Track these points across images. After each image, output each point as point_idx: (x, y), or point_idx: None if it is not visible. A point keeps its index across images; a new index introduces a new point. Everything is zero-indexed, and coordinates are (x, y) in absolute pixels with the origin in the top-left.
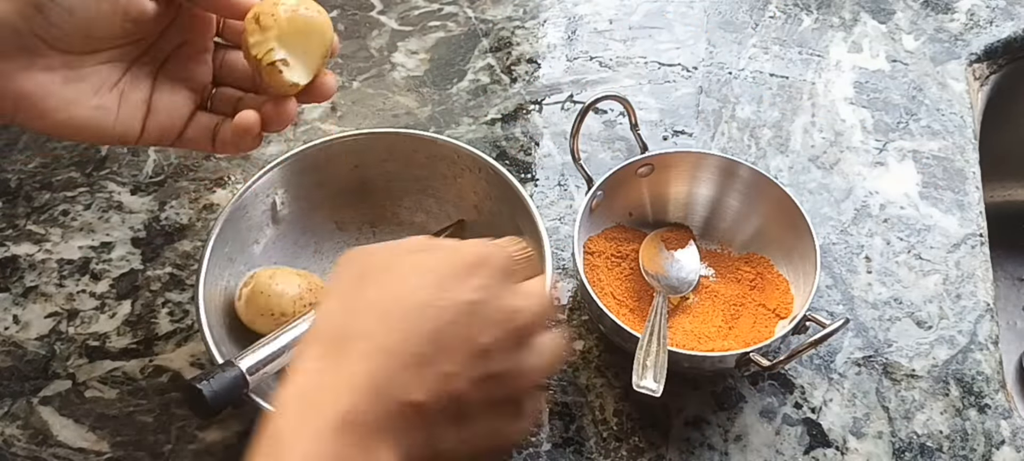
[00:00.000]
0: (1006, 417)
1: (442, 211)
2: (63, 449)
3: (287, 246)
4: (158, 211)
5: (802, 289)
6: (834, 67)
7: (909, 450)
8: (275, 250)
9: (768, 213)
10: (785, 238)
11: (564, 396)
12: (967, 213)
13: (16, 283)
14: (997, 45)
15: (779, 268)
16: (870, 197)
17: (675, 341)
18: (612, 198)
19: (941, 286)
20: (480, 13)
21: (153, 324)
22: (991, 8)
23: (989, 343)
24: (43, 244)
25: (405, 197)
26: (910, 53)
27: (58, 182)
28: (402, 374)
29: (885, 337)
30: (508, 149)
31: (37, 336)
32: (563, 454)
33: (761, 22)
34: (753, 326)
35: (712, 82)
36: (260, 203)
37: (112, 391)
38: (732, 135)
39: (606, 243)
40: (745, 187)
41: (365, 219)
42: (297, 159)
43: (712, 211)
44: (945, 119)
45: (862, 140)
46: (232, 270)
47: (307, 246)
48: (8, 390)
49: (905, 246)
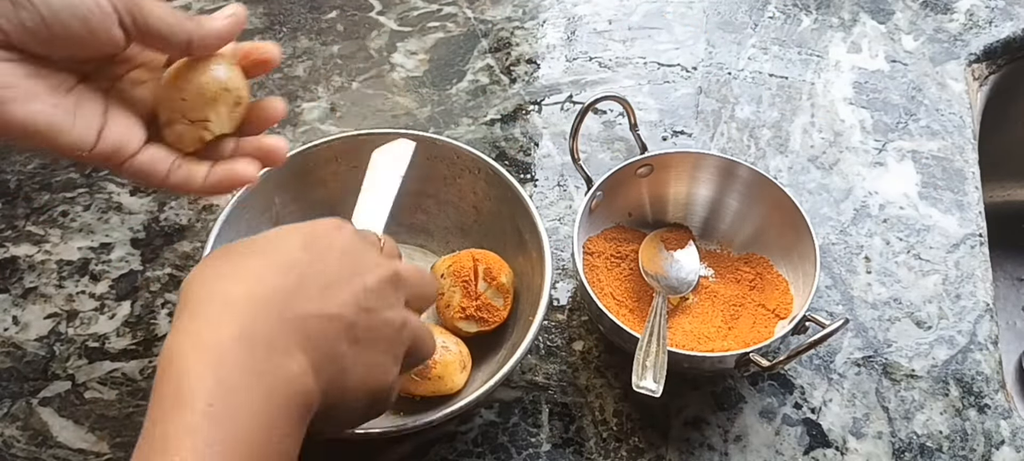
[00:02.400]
0: (1006, 417)
1: (441, 212)
2: (63, 450)
3: None
4: (157, 212)
5: (802, 289)
6: (833, 67)
7: (909, 450)
8: None
9: (767, 213)
10: (785, 238)
11: (564, 396)
12: (966, 213)
13: (15, 284)
14: (996, 45)
15: (779, 268)
16: (869, 197)
17: (675, 341)
18: (612, 198)
19: (941, 286)
20: (479, 14)
21: (153, 325)
22: (990, 8)
23: (989, 343)
24: (42, 245)
25: (404, 198)
26: (909, 53)
27: (57, 183)
28: (291, 295)
29: (885, 337)
30: (507, 149)
31: (36, 337)
32: (563, 454)
33: (760, 22)
34: (753, 326)
35: (711, 82)
36: (259, 204)
37: (112, 392)
38: (731, 135)
39: (606, 243)
40: (744, 187)
41: None
42: (296, 160)
43: (711, 211)
44: (944, 119)
45: (861, 140)
46: None
47: None
48: (8, 391)
49: (904, 246)
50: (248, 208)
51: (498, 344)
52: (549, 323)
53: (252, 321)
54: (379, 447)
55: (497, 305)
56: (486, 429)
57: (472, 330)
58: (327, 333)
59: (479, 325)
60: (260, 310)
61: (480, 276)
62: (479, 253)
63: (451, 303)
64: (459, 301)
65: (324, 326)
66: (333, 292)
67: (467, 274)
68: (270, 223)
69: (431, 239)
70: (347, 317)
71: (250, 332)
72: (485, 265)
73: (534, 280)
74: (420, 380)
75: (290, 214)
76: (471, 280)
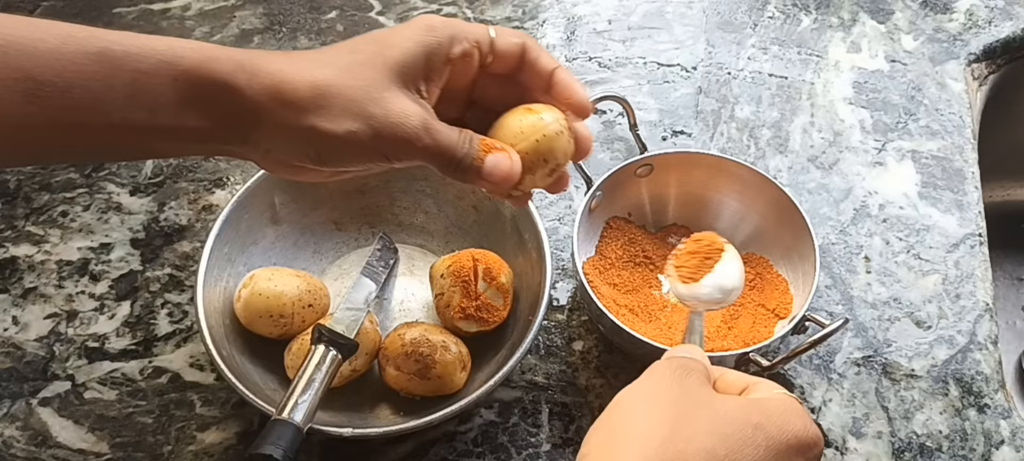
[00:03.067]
0: (1005, 417)
1: (441, 212)
2: (62, 450)
3: (287, 247)
4: (157, 212)
5: (801, 289)
6: (833, 67)
7: (908, 450)
8: (274, 251)
9: (767, 213)
10: (784, 238)
11: (564, 396)
12: (966, 213)
13: (15, 284)
14: (996, 45)
15: (778, 268)
16: (869, 197)
17: (674, 342)
18: (611, 198)
19: (940, 286)
20: (479, 13)
21: (152, 325)
22: (990, 8)
23: (988, 343)
24: (42, 245)
25: (404, 197)
26: (909, 53)
27: (57, 183)
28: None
29: (884, 337)
30: None
31: (36, 337)
32: (562, 454)
33: (760, 22)
34: (752, 326)
35: (711, 82)
36: (259, 203)
37: (111, 392)
38: (731, 135)
39: (606, 243)
40: (744, 187)
41: (364, 219)
42: None
43: (711, 211)
44: (944, 119)
45: (861, 140)
46: (232, 270)
47: (306, 246)
48: (7, 391)
49: (904, 246)
50: (248, 208)
51: (498, 344)
52: (549, 323)
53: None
54: (379, 447)
55: (497, 305)
56: (486, 429)
57: (472, 330)
58: None
59: (479, 325)
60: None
61: (480, 276)
62: (479, 253)
63: (451, 303)
64: (459, 301)
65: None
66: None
67: (467, 274)
68: (269, 224)
69: (431, 239)
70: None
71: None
72: (485, 265)
73: (534, 280)
74: (420, 380)
75: (289, 214)
76: (471, 280)
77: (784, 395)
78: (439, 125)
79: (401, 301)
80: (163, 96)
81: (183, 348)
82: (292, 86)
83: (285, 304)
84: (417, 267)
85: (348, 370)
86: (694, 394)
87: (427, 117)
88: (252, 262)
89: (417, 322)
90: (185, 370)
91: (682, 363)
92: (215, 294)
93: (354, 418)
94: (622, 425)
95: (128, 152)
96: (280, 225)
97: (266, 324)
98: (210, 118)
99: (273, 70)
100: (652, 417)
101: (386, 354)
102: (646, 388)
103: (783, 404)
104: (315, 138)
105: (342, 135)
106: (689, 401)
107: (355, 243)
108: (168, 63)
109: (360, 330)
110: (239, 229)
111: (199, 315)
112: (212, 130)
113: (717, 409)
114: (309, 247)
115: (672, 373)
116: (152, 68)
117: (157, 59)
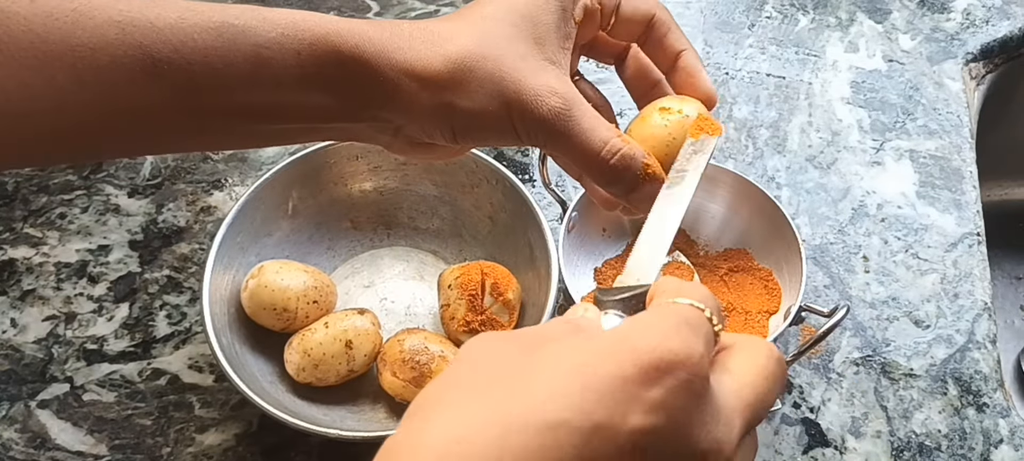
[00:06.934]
0: (1004, 416)
1: (457, 219)
2: (61, 452)
3: (301, 241)
4: (156, 214)
5: (790, 286)
6: (831, 67)
7: (908, 449)
8: (288, 244)
9: (751, 216)
10: (768, 239)
11: None
12: (964, 212)
13: (13, 286)
14: (993, 44)
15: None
16: (867, 197)
17: None
18: (588, 218)
19: (939, 285)
20: None
21: (151, 327)
22: (987, 7)
23: (987, 342)
24: (40, 247)
25: (421, 202)
26: (906, 53)
27: (55, 185)
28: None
29: (883, 336)
30: (506, 149)
31: (35, 339)
32: None
33: (758, 22)
34: (744, 325)
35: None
36: (276, 196)
37: (110, 394)
38: (729, 135)
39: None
40: (728, 192)
41: (380, 220)
42: (316, 156)
43: (695, 218)
44: (942, 118)
45: (859, 140)
46: (243, 260)
47: (321, 242)
48: (6, 394)
49: (903, 245)
50: (265, 200)
51: None
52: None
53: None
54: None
55: (502, 321)
56: None
57: None
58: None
59: None
60: None
61: (487, 291)
62: (488, 267)
63: (456, 315)
64: (464, 314)
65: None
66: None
67: (474, 287)
68: (285, 217)
69: (444, 246)
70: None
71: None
72: (493, 279)
73: (540, 297)
74: (415, 388)
75: (307, 209)
76: (478, 294)
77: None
78: (585, 110)
79: (408, 306)
80: (286, 72)
81: (182, 350)
82: (425, 62)
83: (290, 298)
84: (427, 273)
85: (346, 370)
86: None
87: (569, 96)
88: (264, 253)
89: (419, 329)
90: (184, 372)
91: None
92: (223, 282)
93: (353, 418)
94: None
95: (250, 135)
96: (296, 219)
97: (269, 317)
98: (337, 95)
99: (403, 44)
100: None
101: (384, 358)
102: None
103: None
104: (451, 115)
105: (479, 111)
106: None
107: (370, 243)
108: (290, 37)
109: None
110: (255, 220)
111: (204, 300)
112: (340, 108)
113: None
114: (323, 243)
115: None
116: (273, 42)
117: (279, 33)
